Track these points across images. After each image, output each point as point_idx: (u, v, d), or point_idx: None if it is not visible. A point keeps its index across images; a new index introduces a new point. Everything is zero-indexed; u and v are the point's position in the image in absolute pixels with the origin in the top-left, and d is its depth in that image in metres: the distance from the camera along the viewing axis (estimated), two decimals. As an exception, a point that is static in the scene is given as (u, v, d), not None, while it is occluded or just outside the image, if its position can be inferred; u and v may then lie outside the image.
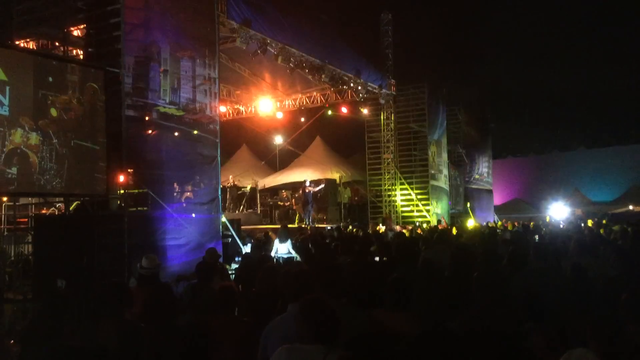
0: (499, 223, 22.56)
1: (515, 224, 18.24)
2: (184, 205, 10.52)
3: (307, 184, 19.54)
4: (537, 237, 12.16)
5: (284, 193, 23.12)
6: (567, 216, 27.84)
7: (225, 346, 4.05)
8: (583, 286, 5.15)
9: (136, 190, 9.78)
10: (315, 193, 19.69)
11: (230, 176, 22.46)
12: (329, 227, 17.67)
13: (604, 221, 18.40)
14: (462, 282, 5.05)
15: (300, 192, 20.22)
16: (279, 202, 22.79)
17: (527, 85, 47.05)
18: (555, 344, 3.36)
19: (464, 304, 4.11)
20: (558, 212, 30.07)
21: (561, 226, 18.71)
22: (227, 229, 12.24)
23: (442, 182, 24.81)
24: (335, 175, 23.66)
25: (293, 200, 21.50)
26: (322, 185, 20.42)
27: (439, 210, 23.73)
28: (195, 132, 11.06)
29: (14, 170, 7.89)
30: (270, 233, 13.25)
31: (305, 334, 3.03)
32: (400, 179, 23.53)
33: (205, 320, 4.29)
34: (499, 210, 34.70)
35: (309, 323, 3.02)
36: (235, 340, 4.06)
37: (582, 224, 19.12)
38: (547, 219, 26.50)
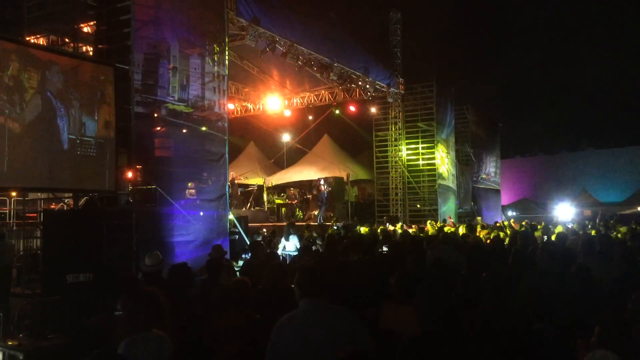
0: (506, 222, 22.46)
1: (523, 224, 18.15)
2: (192, 201, 10.55)
3: (322, 182, 19.61)
4: (545, 237, 12.11)
5: (292, 191, 23.15)
6: (574, 217, 27.68)
7: (234, 342, 4.05)
8: (589, 287, 5.13)
9: (144, 187, 9.81)
10: (328, 192, 19.86)
11: (231, 172, 22.50)
12: (335, 226, 17.68)
13: (611, 222, 18.30)
14: (477, 281, 5.06)
15: (315, 191, 20.32)
16: (287, 200, 22.82)
17: (535, 85, 46.91)
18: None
19: (477, 303, 4.11)
20: (564, 212, 29.90)
21: (569, 227, 18.60)
22: (234, 226, 12.26)
23: (450, 181, 24.75)
24: (343, 173, 23.66)
25: (311, 196, 21.48)
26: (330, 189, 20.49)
27: (445, 210, 23.68)
28: (204, 129, 11.09)
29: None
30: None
31: (139, 322, 3.44)
32: (407, 178, 23.50)
33: (215, 317, 4.29)
34: (506, 210, 34.58)
35: (143, 312, 3.48)
36: (244, 337, 4.06)
37: (589, 225, 19.02)
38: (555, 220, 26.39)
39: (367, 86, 21.00)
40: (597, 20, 46.76)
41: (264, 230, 14.82)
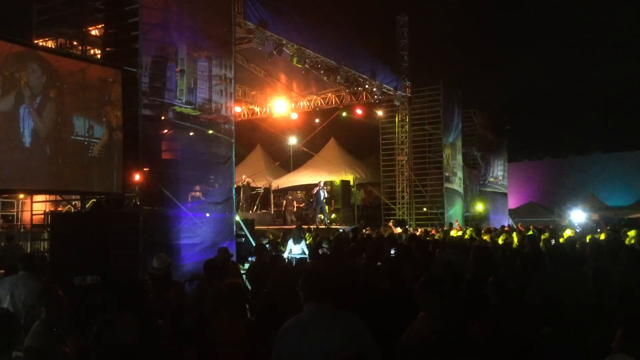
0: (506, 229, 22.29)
1: (531, 227, 18.07)
2: (199, 204, 10.55)
3: (322, 184, 19.53)
4: (553, 241, 12.04)
5: (298, 194, 23.15)
6: (584, 221, 27.55)
7: (228, 344, 4.03)
8: (603, 291, 5.07)
9: (151, 189, 9.82)
10: (326, 193, 19.70)
11: (244, 175, 22.51)
12: (341, 229, 17.65)
13: (623, 228, 18.16)
14: (484, 284, 5.02)
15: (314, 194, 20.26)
16: (293, 203, 22.81)
17: (543, 89, 46.79)
18: None
19: (485, 307, 4.08)
20: (578, 218, 29.83)
21: (577, 230, 18.54)
22: (240, 228, 12.26)
23: (457, 184, 24.69)
24: (349, 177, 23.65)
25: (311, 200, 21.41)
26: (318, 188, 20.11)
27: (452, 213, 23.62)
28: (211, 131, 11.09)
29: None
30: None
31: None
32: (414, 182, 23.46)
33: (212, 319, 4.27)
34: (513, 214, 34.43)
35: None
36: (238, 339, 4.03)
37: (599, 229, 18.92)
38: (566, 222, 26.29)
39: (374, 89, 20.98)
40: (606, 24, 46.57)
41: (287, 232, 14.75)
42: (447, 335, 3.29)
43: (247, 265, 10.52)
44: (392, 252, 9.05)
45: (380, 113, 23.36)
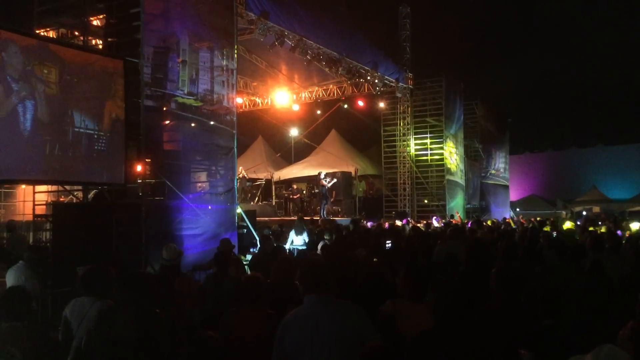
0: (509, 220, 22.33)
1: (532, 220, 18.10)
2: (200, 195, 10.57)
3: (322, 176, 19.50)
4: (555, 233, 12.06)
5: (295, 186, 23.15)
6: (586, 213, 27.58)
7: (248, 339, 4.03)
8: (601, 283, 5.09)
9: (153, 180, 9.85)
10: (330, 187, 19.67)
11: (240, 167, 22.48)
12: (341, 222, 17.63)
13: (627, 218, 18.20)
14: (478, 276, 5.04)
15: (317, 186, 20.29)
16: (292, 196, 22.83)
17: (545, 81, 46.63)
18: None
19: (480, 299, 4.09)
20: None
21: (578, 223, 18.57)
22: (242, 220, 12.28)
23: (458, 176, 24.68)
24: (351, 168, 23.63)
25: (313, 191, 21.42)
26: (335, 180, 20.28)
27: (453, 205, 23.63)
28: (213, 123, 11.09)
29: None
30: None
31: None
32: (415, 173, 23.46)
33: (229, 312, 4.26)
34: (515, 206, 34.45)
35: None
36: (258, 334, 4.02)
37: (600, 222, 18.96)
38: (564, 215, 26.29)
39: (376, 81, 20.94)
40: (608, 17, 46.37)
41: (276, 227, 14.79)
42: (446, 325, 3.31)
43: (249, 257, 10.55)
44: (388, 243, 9.09)
45: (382, 105, 23.30)
